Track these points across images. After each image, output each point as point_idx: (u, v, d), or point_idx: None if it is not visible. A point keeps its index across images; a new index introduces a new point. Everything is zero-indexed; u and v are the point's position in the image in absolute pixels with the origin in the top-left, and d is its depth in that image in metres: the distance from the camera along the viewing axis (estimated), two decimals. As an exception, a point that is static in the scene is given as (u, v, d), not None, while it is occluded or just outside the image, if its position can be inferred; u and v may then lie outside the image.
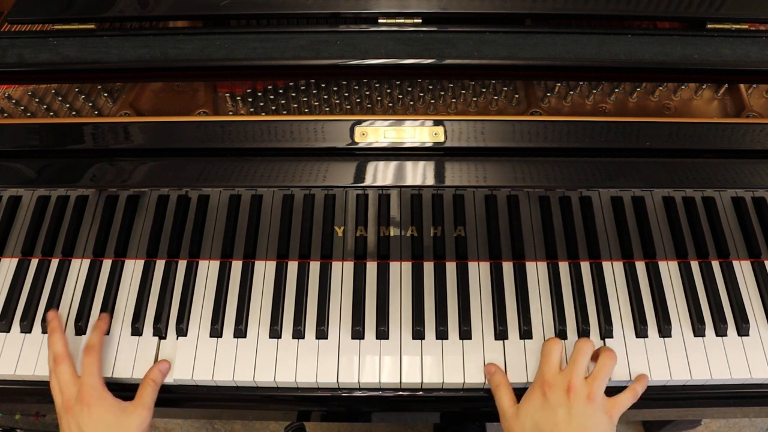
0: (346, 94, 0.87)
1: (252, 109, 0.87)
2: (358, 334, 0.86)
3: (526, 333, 0.86)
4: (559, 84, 0.87)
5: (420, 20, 0.89)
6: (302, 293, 0.89)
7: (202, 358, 0.85)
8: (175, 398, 0.87)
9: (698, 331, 0.86)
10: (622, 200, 0.87)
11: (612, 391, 0.82)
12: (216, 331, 0.87)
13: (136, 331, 0.87)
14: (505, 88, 0.88)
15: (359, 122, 0.80)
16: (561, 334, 0.85)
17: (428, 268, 0.91)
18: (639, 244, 0.90)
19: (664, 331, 0.86)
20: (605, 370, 0.77)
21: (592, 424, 0.73)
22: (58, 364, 0.80)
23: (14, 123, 0.84)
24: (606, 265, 0.92)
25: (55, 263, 0.93)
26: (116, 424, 0.77)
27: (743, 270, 0.92)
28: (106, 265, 0.93)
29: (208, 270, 0.92)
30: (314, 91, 0.88)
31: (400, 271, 0.91)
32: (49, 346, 0.83)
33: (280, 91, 0.88)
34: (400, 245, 0.91)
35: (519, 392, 0.80)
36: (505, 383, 0.80)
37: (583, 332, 0.86)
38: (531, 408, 0.76)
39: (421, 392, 0.84)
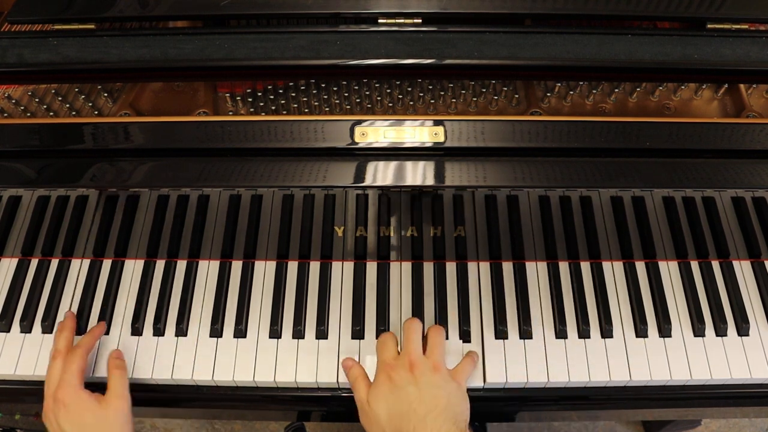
0: (346, 94, 0.87)
1: (252, 109, 0.87)
2: (358, 334, 0.86)
3: (526, 333, 0.86)
4: (559, 84, 0.87)
5: (420, 20, 0.89)
6: (302, 293, 0.89)
7: (202, 358, 0.85)
8: (175, 398, 0.87)
9: (698, 331, 0.86)
10: (622, 200, 0.87)
11: (612, 391, 0.82)
12: (216, 331, 0.87)
13: (136, 331, 0.87)
14: (505, 88, 0.88)
15: (359, 122, 0.80)
16: (561, 333, 0.85)
17: (428, 268, 0.91)
18: (639, 244, 0.90)
19: (664, 330, 0.86)
20: (437, 340, 0.80)
21: (443, 393, 0.74)
22: (53, 359, 0.80)
23: (14, 123, 0.84)
24: (606, 265, 0.92)
25: (55, 263, 0.93)
26: (95, 420, 0.76)
27: (743, 270, 0.92)
28: (106, 265, 0.93)
29: (208, 270, 0.92)
30: (314, 91, 0.88)
31: (400, 271, 0.91)
32: (54, 340, 0.83)
33: (280, 91, 0.87)
34: (400, 245, 0.91)
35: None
36: (363, 375, 0.79)
37: (583, 332, 0.86)
38: (381, 394, 0.75)
39: (421, 392, 0.85)
